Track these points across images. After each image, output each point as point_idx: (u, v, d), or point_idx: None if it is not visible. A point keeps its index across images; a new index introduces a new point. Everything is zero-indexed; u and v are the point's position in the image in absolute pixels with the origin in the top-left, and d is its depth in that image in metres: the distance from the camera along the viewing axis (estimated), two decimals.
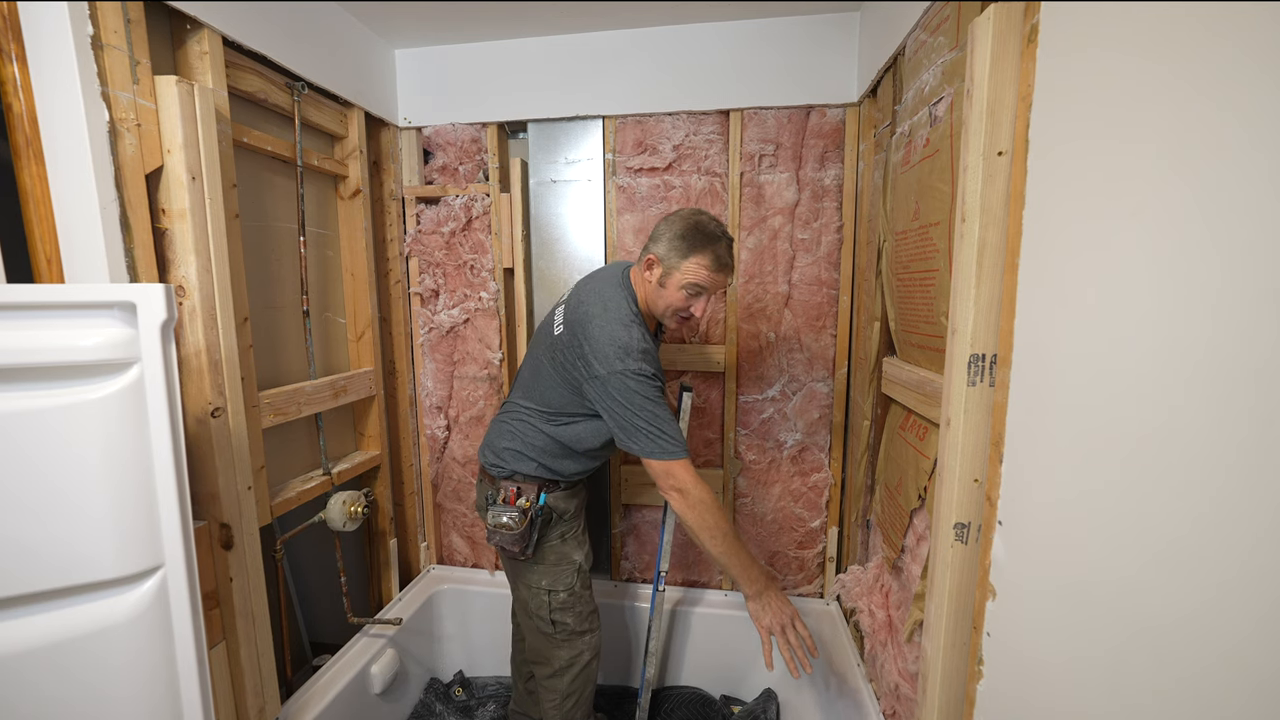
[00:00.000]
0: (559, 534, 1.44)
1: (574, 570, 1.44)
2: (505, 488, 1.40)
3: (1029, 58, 0.77)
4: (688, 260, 1.26)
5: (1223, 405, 0.48)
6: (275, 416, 1.45)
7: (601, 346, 1.26)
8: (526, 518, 1.36)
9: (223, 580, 1.24)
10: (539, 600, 1.43)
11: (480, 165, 1.95)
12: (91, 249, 1.02)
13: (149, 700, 0.90)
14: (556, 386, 1.36)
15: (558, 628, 1.45)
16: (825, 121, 1.75)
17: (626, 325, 1.28)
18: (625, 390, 1.24)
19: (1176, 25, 0.52)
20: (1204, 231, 0.49)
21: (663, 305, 1.33)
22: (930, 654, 0.99)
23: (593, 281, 1.40)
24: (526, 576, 1.45)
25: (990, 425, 0.87)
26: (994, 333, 0.86)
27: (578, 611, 1.45)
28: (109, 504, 0.85)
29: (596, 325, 1.28)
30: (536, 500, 1.39)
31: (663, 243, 1.29)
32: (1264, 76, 0.44)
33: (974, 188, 0.85)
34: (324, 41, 1.58)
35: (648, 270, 1.32)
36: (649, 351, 1.28)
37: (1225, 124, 0.47)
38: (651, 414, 1.24)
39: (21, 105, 0.97)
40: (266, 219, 1.50)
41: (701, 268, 1.27)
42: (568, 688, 1.47)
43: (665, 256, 1.28)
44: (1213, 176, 0.48)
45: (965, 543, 0.92)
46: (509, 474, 1.42)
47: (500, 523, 1.35)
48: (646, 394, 1.24)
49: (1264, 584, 0.45)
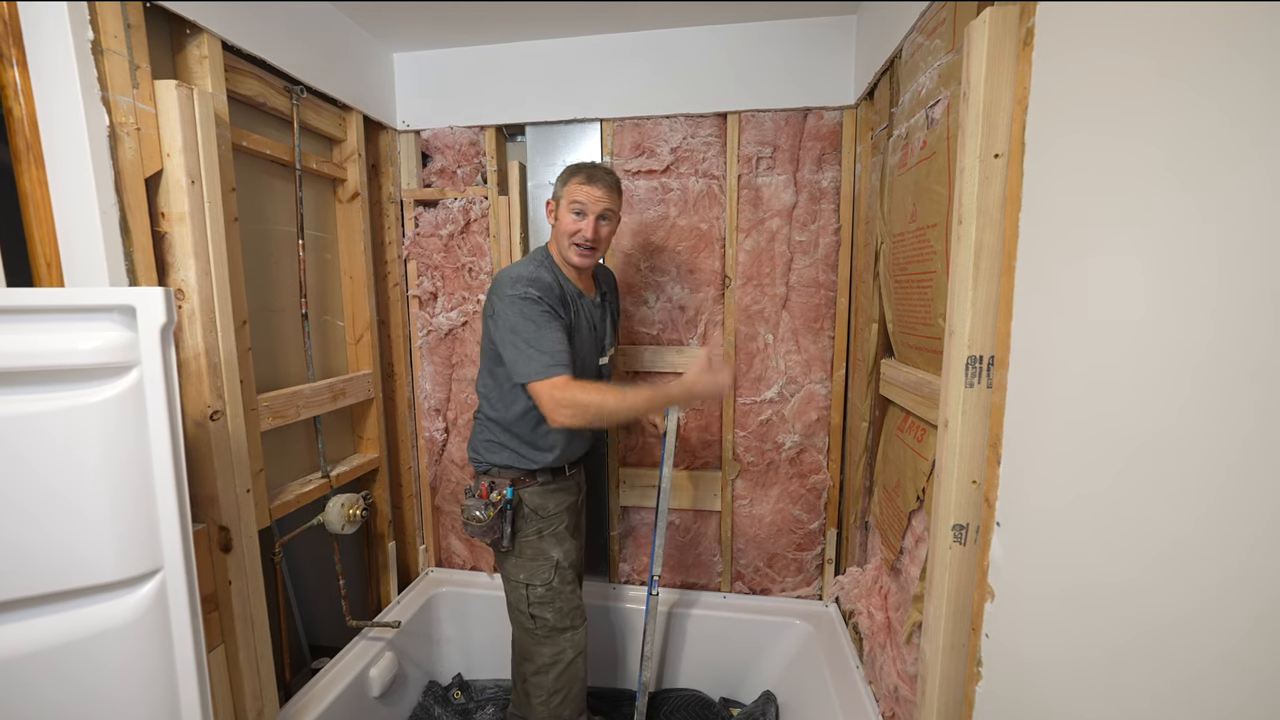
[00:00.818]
0: (535, 530, 1.47)
1: (550, 566, 1.47)
2: (481, 482, 1.47)
3: (1025, 60, 0.77)
4: (567, 185, 1.40)
5: (1221, 406, 0.48)
6: (274, 419, 1.45)
7: (498, 284, 1.33)
8: (495, 509, 1.41)
9: (221, 583, 1.24)
10: (518, 594, 1.48)
11: (478, 168, 1.95)
12: (91, 253, 1.02)
13: (148, 703, 0.90)
14: (493, 360, 1.41)
15: (538, 623, 1.48)
16: (822, 124, 1.75)
17: (525, 265, 1.39)
18: (508, 317, 1.28)
19: (1173, 26, 0.53)
20: (1201, 232, 0.49)
21: (561, 235, 1.40)
22: (929, 655, 0.99)
23: None
24: (507, 569, 1.50)
25: (988, 427, 0.87)
26: (991, 334, 0.87)
27: (557, 608, 1.48)
28: (108, 507, 0.85)
29: (500, 273, 1.37)
30: (505, 494, 1.45)
31: (556, 185, 1.44)
32: (1261, 76, 0.45)
33: (971, 190, 0.86)
34: (323, 45, 1.58)
35: (551, 216, 1.44)
36: (540, 280, 1.33)
37: (1223, 124, 0.48)
38: (529, 335, 1.26)
39: (22, 109, 0.97)
40: (265, 222, 1.50)
41: (578, 186, 1.38)
42: (553, 684, 1.50)
43: (555, 192, 1.43)
44: (1210, 177, 0.49)
45: (964, 544, 0.92)
46: (486, 468, 1.48)
47: (471, 515, 1.41)
48: (527, 314, 1.27)
49: (1261, 586, 0.45)
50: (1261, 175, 0.44)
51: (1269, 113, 0.44)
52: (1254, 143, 0.45)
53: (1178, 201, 0.52)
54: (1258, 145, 0.45)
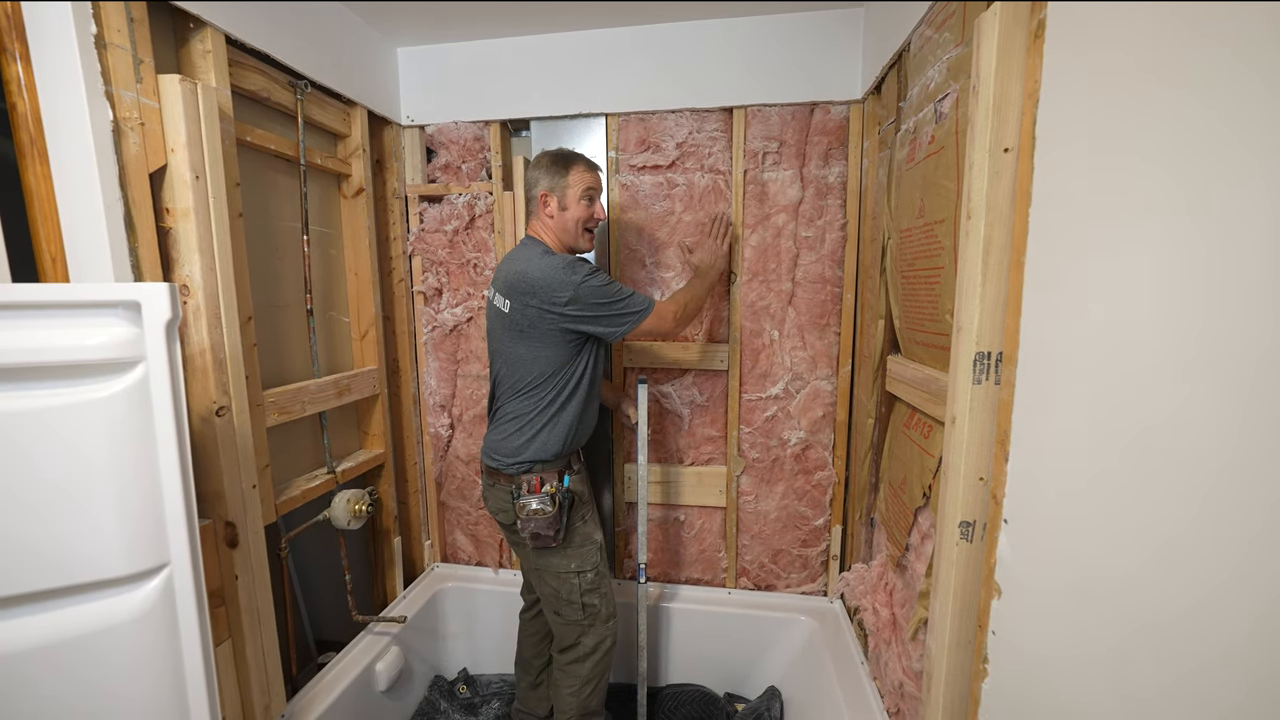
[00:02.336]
0: (580, 515, 1.51)
1: (597, 549, 1.52)
2: (528, 480, 1.44)
3: (1036, 54, 0.76)
4: (570, 174, 1.43)
5: (1227, 402, 0.47)
6: (279, 415, 1.45)
7: (550, 279, 1.35)
8: (555, 502, 1.42)
9: (228, 578, 1.24)
10: (569, 585, 1.48)
11: (483, 163, 1.95)
12: (96, 248, 1.02)
13: (155, 698, 0.91)
14: (539, 353, 1.41)
15: (587, 611, 1.50)
16: (829, 118, 1.74)
17: (551, 255, 1.41)
18: (595, 291, 1.36)
19: (1187, 19, 0.52)
20: (1214, 229, 0.49)
21: (572, 224, 1.45)
22: (935, 652, 0.99)
23: (506, 262, 1.48)
24: (554, 564, 1.49)
25: (996, 423, 0.87)
26: (999, 330, 0.86)
27: (603, 592, 1.52)
28: (114, 503, 0.85)
29: (534, 272, 1.37)
30: (561, 484, 1.45)
31: (543, 178, 1.44)
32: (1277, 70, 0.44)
33: (980, 185, 0.85)
34: (327, 40, 1.58)
35: (545, 209, 1.45)
36: (582, 259, 1.43)
37: (1238, 119, 0.47)
38: (613, 293, 1.38)
39: (26, 105, 0.97)
40: (270, 218, 1.50)
41: (584, 173, 1.44)
42: (589, 673, 1.52)
43: (553, 184, 1.44)
44: (1226, 172, 0.48)
45: (970, 541, 0.92)
46: (527, 467, 1.45)
47: (533, 509, 1.40)
48: (607, 283, 1.39)
49: (1262, 581, 0.45)
50: (1276, 170, 0.43)
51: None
52: (1268, 137, 0.44)
53: (1190, 197, 0.51)
54: (1271, 140, 0.44)
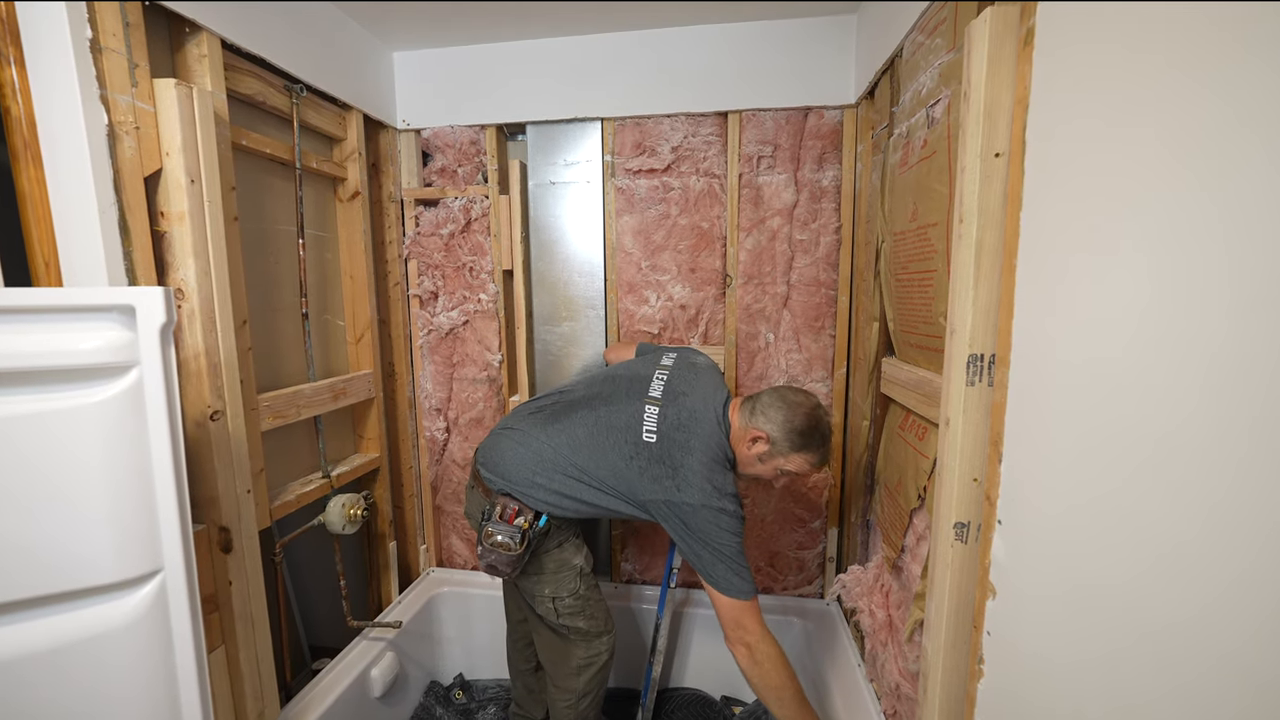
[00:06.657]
0: (556, 542, 1.41)
1: (575, 574, 1.42)
2: (505, 504, 1.34)
3: (1025, 59, 0.77)
4: (798, 454, 1.31)
5: (1224, 406, 0.47)
6: (274, 419, 1.45)
7: (698, 480, 1.27)
8: (523, 541, 1.32)
9: (222, 584, 1.24)
10: (546, 608, 1.42)
11: (479, 167, 1.95)
12: (90, 252, 1.02)
13: (148, 704, 0.90)
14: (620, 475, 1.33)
15: (571, 632, 1.44)
16: (823, 123, 1.75)
17: (724, 469, 1.31)
18: (714, 524, 1.26)
19: (1175, 25, 0.53)
20: (1204, 230, 0.49)
21: (750, 472, 1.37)
22: (931, 653, 0.99)
23: (693, 399, 1.37)
24: (528, 587, 1.44)
25: (989, 425, 0.87)
26: (992, 333, 0.86)
27: (588, 614, 1.44)
28: (108, 508, 0.84)
29: (696, 459, 1.29)
30: (536, 522, 1.34)
31: (778, 427, 1.30)
32: (1266, 74, 0.44)
33: (971, 189, 0.86)
34: (322, 44, 1.58)
35: (752, 443, 1.33)
36: (737, 496, 1.31)
37: (1226, 123, 0.47)
38: (736, 550, 1.26)
39: (20, 108, 0.97)
40: (265, 221, 1.50)
41: (807, 463, 1.33)
42: (584, 687, 1.47)
43: (777, 443, 1.31)
44: (1213, 176, 0.48)
45: (965, 542, 0.92)
46: (511, 491, 1.37)
47: (497, 541, 1.31)
48: (735, 531, 1.27)
49: (1263, 589, 0.45)
50: (1265, 173, 0.44)
51: (1273, 110, 0.44)
52: (1257, 140, 0.45)
53: (1180, 199, 0.52)
54: (1261, 143, 0.44)
